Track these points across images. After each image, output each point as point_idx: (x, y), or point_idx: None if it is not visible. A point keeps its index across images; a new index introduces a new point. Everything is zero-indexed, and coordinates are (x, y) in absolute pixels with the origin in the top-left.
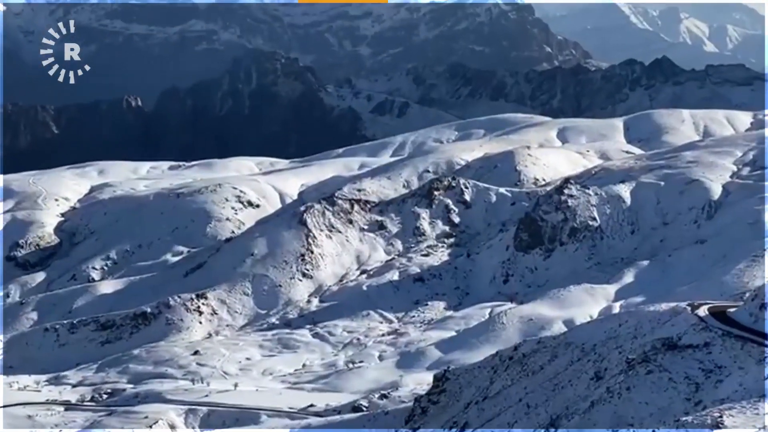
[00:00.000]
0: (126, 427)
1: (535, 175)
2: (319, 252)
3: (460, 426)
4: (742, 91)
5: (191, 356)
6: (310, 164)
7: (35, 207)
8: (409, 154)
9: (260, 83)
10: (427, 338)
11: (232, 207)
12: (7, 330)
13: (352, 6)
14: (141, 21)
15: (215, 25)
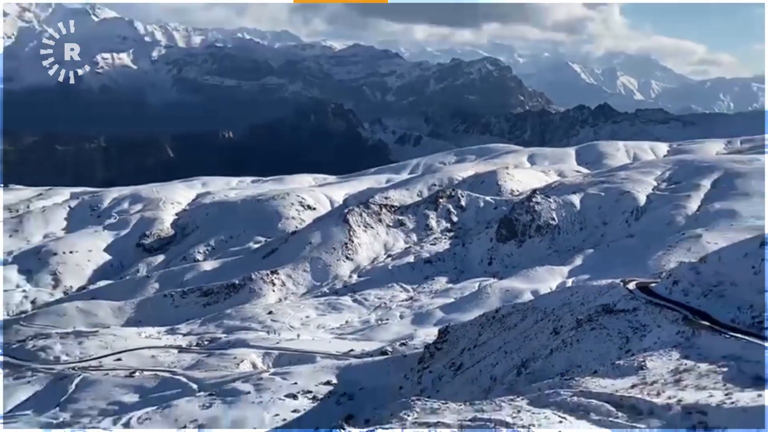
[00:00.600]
0: (221, 365)
1: (511, 187)
2: (357, 242)
3: (457, 366)
4: (662, 128)
5: (267, 314)
6: (351, 179)
7: (157, 209)
8: (422, 172)
9: (316, 121)
10: (434, 303)
11: (296, 209)
12: (137, 295)
13: (381, 66)
14: (232, 77)
15: (285, 80)
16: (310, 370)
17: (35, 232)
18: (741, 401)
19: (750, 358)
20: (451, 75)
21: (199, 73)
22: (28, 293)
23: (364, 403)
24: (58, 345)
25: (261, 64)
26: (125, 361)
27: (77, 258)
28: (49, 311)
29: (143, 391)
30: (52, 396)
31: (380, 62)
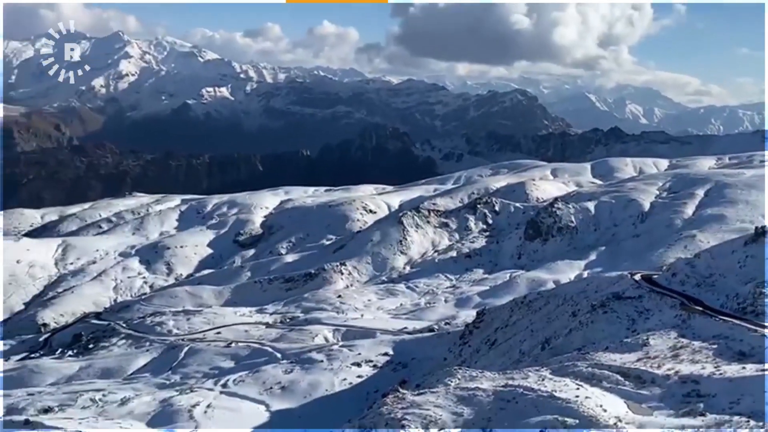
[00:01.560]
0: (300, 338)
1: (537, 195)
2: (410, 239)
3: (492, 341)
4: (663, 147)
5: (336, 298)
6: (405, 189)
7: (249, 212)
8: (463, 183)
9: (377, 142)
10: (472, 290)
11: (360, 213)
12: (233, 282)
13: (430, 97)
14: (309, 106)
15: (352, 108)
16: (371, 343)
17: (153, 230)
18: (728, 373)
19: (735, 338)
20: (487, 104)
21: (283, 103)
22: (147, 279)
23: (415, 371)
24: (170, 321)
25: (332, 95)
26: (224, 334)
27: (186, 251)
28: (164, 294)
29: (238, 359)
30: (165, 362)
31: (429, 94)
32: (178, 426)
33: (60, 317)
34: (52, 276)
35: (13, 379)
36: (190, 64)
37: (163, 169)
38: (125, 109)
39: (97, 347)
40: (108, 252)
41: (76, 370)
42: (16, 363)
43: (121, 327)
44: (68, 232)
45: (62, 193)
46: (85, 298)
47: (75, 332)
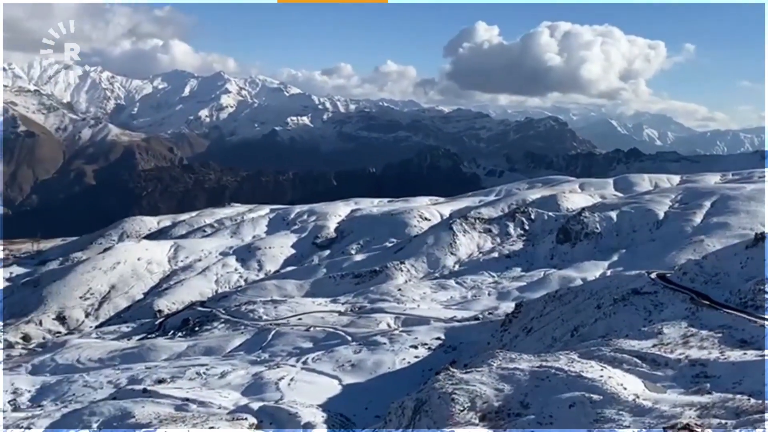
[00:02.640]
0: (366, 324)
1: (567, 206)
2: (459, 242)
3: (528, 329)
4: (675, 165)
5: (397, 291)
6: (454, 200)
7: (325, 219)
8: (503, 195)
9: (431, 161)
10: (512, 285)
11: (417, 220)
12: (311, 277)
13: (476, 123)
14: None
15: (411, 133)
16: (426, 329)
17: (247, 234)
18: (731, 357)
19: (738, 327)
20: (524, 129)
21: (353, 129)
22: (242, 274)
23: (463, 353)
24: (261, 308)
25: (394, 122)
26: (304, 321)
27: (274, 251)
28: (255, 286)
29: (315, 341)
30: (256, 342)
31: (475, 120)
32: (267, 395)
33: (172, 305)
34: (165, 271)
35: (134, 355)
36: (277, 98)
37: (255, 184)
38: (225, 134)
39: (202, 330)
40: (210, 252)
41: (184, 348)
42: (136, 342)
43: (221, 313)
44: (179, 235)
45: (174, 204)
46: (192, 290)
47: (184, 317)
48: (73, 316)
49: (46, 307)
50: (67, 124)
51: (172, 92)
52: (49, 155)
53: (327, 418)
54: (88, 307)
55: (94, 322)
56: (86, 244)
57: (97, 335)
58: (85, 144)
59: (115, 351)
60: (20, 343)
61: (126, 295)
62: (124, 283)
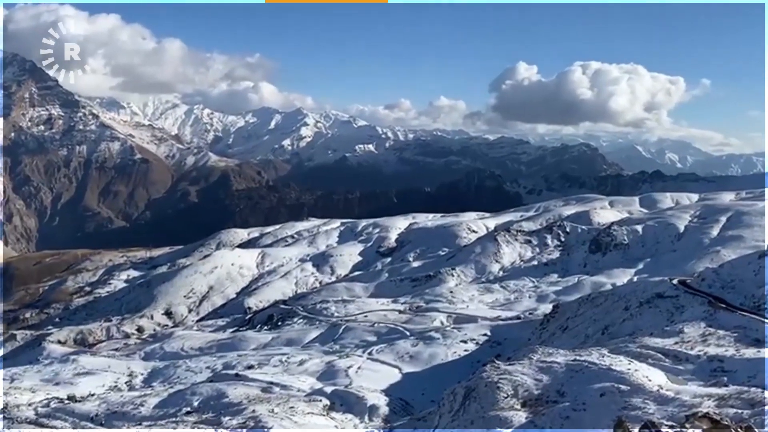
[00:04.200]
0: (423, 321)
1: (598, 220)
2: (503, 252)
3: (564, 327)
4: (694, 185)
5: (449, 293)
6: (499, 215)
7: (387, 231)
8: (542, 211)
9: (478, 182)
10: (549, 289)
11: (466, 232)
12: (376, 280)
13: (517, 149)
14: (430, 156)
15: (460, 158)
16: (474, 327)
17: (321, 244)
18: (746, 354)
19: (752, 328)
20: (560, 153)
21: (411, 155)
22: (317, 277)
23: (506, 348)
24: (333, 306)
25: (446, 149)
26: (369, 318)
27: (344, 258)
28: (328, 288)
29: (379, 335)
30: (329, 335)
31: (516, 147)
32: (338, 381)
33: (259, 303)
34: (254, 275)
35: (228, 345)
36: (347, 129)
37: (328, 202)
38: (304, 160)
39: (284, 324)
40: (291, 258)
41: (269, 340)
42: (230, 334)
43: (300, 310)
44: (265, 244)
45: (261, 218)
46: (276, 290)
47: (269, 313)
48: (178, 311)
49: (156, 304)
50: (174, 153)
51: (260, 125)
52: (160, 178)
53: (389, 402)
54: (191, 304)
55: (196, 317)
56: (189, 252)
57: (197, 328)
58: (189, 169)
59: (213, 341)
60: (135, 334)
61: (222, 295)
62: (220, 284)
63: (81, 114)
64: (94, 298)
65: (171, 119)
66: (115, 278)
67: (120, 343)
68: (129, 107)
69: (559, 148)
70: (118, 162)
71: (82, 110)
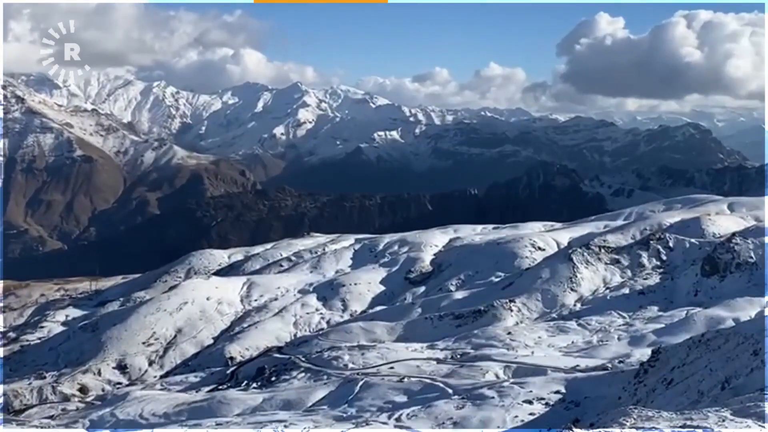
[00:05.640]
0: (470, 374)
1: (713, 231)
2: (580, 276)
3: (668, 381)
4: None
5: (506, 335)
6: (574, 225)
7: (419, 250)
8: (634, 219)
9: (545, 180)
10: (647, 328)
11: (529, 250)
12: (405, 318)
13: (598, 133)
14: (476, 146)
15: (519, 147)
16: (542, 381)
17: (329, 268)
18: None
19: None
20: (658, 138)
21: (450, 144)
22: (324, 315)
23: (588, 410)
24: (346, 355)
25: (499, 135)
26: (396, 369)
27: (360, 288)
28: (339, 329)
29: (410, 393)
30: (342, 395)
31: (597, 130)
32: None
33: (245, 351)
34: (238, 312)
35: (203, 409)
36: (362, 110)
37: (338, 210)
38: (303, 154)
39: (279, 380)
40: (288, 289)
41: (259, 401)
42: (206, 394)
43: (301, 361)
44: (252, 270)
45: (247, 234)
46: (268, 333)
47: (259, 365)
48: (135, 364)
49: (105, 355)
50: (127, 147)
51: (243, 108)
52: (108, 182)
53: None
54: (152, 354)
55: (159, 371)
56: (149, 282)
57: (161, 386)
58: (148, 169)
59: (182, 404)
60: (77, 396)
61: (194, 340)
62: (191, 326)
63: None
64: (21, 346)
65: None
66: (50, 320)
67: (57, 408)
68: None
69: (657, 132)
70: (52, 161)
71: (2, 92)
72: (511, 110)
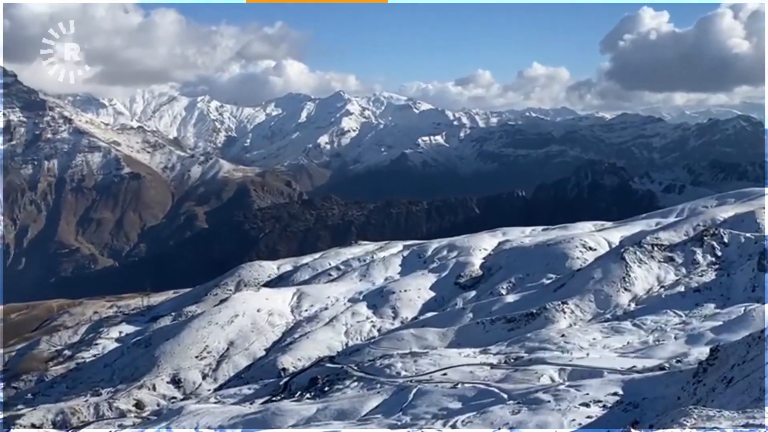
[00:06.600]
0: (525, 378)
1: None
2: (633, 275)
3: (728, 379)
4: None
5: (560, 337)
6: (625, 224)
7: (468, 254)
8: (686, 215)
9: (593, 179)
10: (704, 326)
11: (579, 251)
12: (456, 323)
13: (646, 130)
14: (522, 147)
15: (565, 147)
16: (599, 383)
17: (378, 276)
18: None
19: None
20: (708, 132)
21: (496, 147)
22: (375, 323)
23: (647, 411)
24: (398, 363)
25: (545, 135)
26: (450, 376)
27: (410, 295)
28: (391, 337)
29: (465, 400)
30: (395, 403)
31: (645, 126)
32: None
33: (297, 362)
34: (288, 323)
35: (258, 421)
36: (405, 116)
37: (385, 217)
38: (348, 162)
39: (332, 389)
40: (338, 298)
41: (313, 412)
42: (260, 406)
43: (353, 370)
44: (301, 281)
45: (295, 245)
46: (319, 343)
47: (311, 376)
48: (189, 378)
49: (159, 370)
50: (174, 163)
51: (287, 119)
52: (157, 198)
53: None
54: (205, 367)
55: (213, 384)
56: (200, 296)
57: (216, 399)
58: (195, 183)
59: (237, 417)
60: (133, 411)
61: (246, 352)
62: (243, 338)
63: (49, 118)
64: (77, 364)
65: (167, 118)
66: (104, 336)
67: (113, 424)
68: (111, 105)
69: (707, 126)
70: (101, 179)
71: (50, 113)
72: (556, 110)
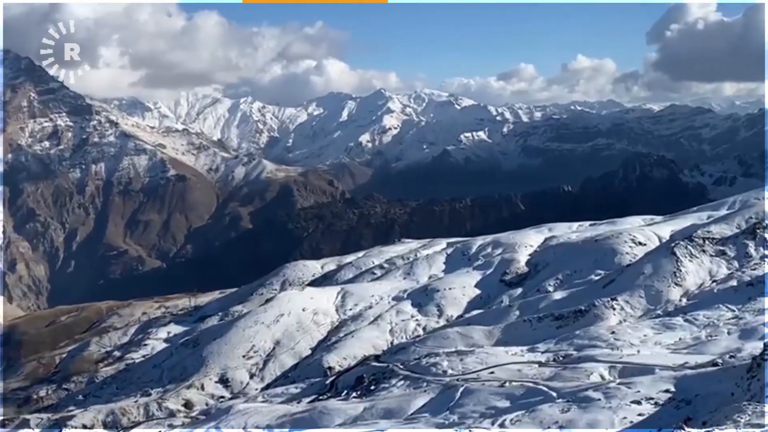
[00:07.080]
0: (574, 376)
1: None
2: (684, 270)
3: None
4: None
5: (610, 334)
6: (675, 218)
7: (514, 251)
8: (738, 208)
9: (641, 172)
10: (758, 320)
11: (629, 246)
12: (502, 321)
13: (696, 121)
14: (567, 141)
15: (612, 140)
16: (650, 380)
17: (422, 274)
18: None
19: None
20: (760, 122)
21: (540, 141)
22: (420, 321)
23: (699, 408)
24: (444, 361)
25: (591, 129)
26: (497, 374)
27: (455, 293)
28: (436, 335)
29: (513, 398)
30: (442, 402)
31: (694, 118)
32: None
33: (343, 360)
34: (333, 322)
35: (305, 420)
36: (447, 112)
37: (428, 215)
38: (390, 160)
39: (378, 388)
40: (382, 297)
41: (360, 411)
42: (307, 405)
43: (399, 368)
44: (345, 279)
45: (338, 243)
46: (364, 342)
47: (357, 374)
48: (236, 377)
49: (207, 369)
50: (218, 164)
51: (328, 118)
52: (202, 200)
53: None
54: (252, 366)
55: (260, 383)
56: (246, 296)
57: (263, 398)
58: (239, 184)
59: (285, 416)
60: (182, 411)
61: (292, 352)
62: (289, 337)
63: (95, 122)
64: (126, 365)
65: (211, 119)
66: (152, 337)
67: (164, 424)
68: (156, 108)
69: (757, 116)
70: (147, 182)
71: (97, 117)
72: (602, 102)
